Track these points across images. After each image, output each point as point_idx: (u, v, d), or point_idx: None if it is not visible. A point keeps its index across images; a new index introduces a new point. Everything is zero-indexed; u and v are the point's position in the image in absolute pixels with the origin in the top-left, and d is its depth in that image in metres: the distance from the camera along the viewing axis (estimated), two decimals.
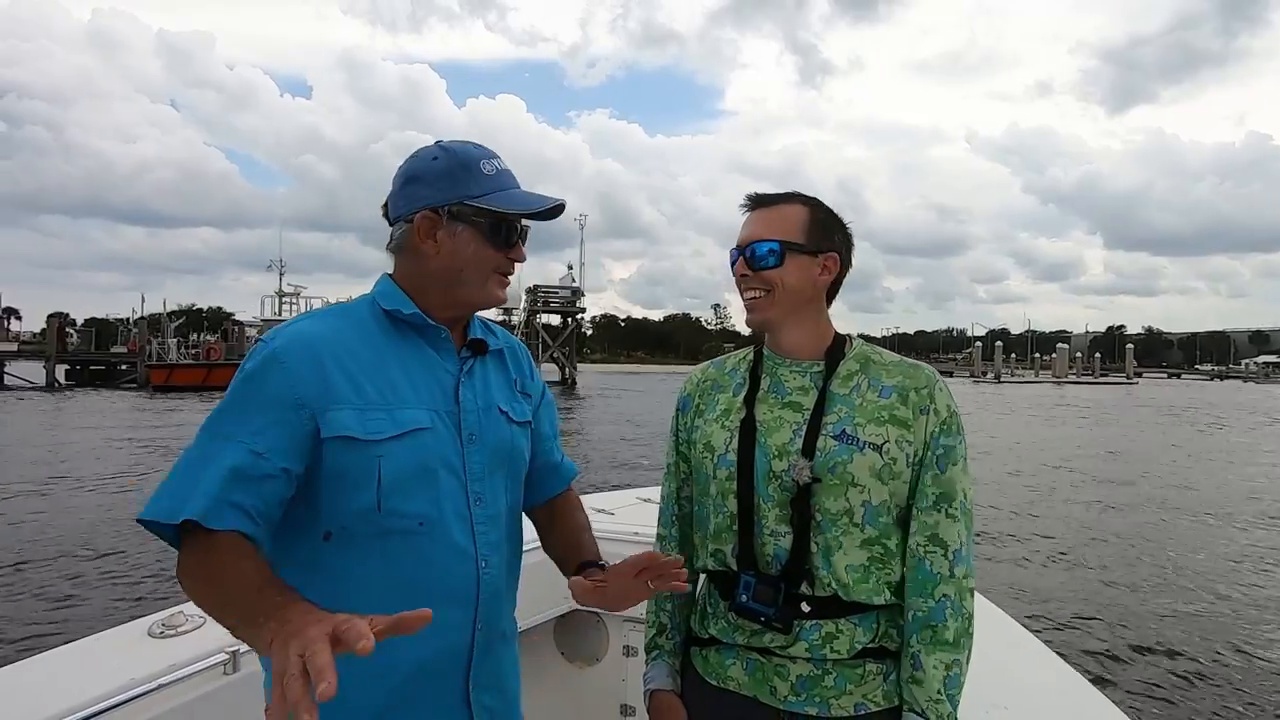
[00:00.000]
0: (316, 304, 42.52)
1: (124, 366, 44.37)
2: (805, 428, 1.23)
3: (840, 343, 1.32)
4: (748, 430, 1.26)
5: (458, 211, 1.17)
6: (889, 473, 1.20)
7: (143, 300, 47.54)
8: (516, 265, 1.24)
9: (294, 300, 43.42)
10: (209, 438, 1.04)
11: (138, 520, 1.01)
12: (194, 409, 27.06)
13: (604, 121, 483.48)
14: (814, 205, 1.31)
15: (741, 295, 1.32)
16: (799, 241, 1.27)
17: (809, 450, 1.21)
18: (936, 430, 1.22)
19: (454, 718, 1.17)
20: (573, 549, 1.36)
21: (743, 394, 1.32)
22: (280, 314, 42.73)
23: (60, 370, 43.36)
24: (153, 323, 46.92)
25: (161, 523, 0.99)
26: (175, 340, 41.91)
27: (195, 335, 50.95)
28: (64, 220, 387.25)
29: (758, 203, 1.32)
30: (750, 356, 1.37)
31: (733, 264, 1.31)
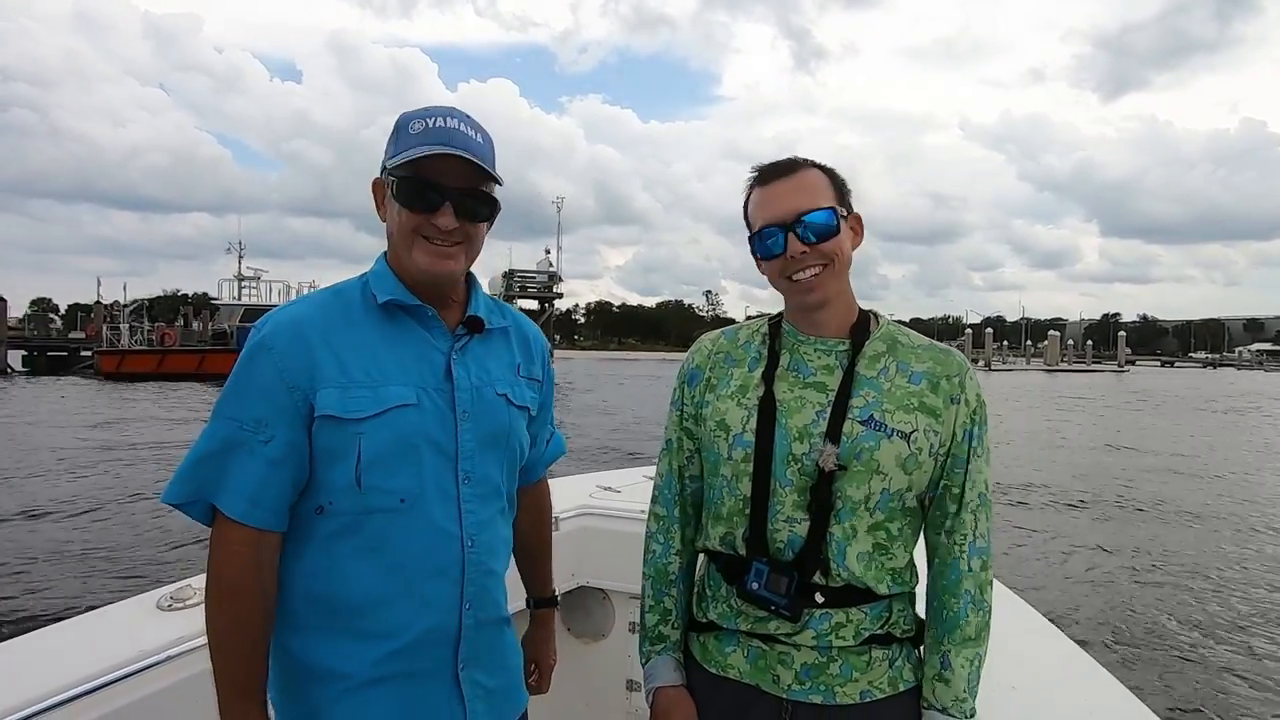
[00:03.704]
0: (277, 287, 43.27)
1: (85, 352, 42.96)
2: (830, 410, 1.16)
3: (865, 320, 1.23)
4: (767, 409, 1.18)
5: (387, 178, 1.16)
6: (914, 462, 1.15)
7: (99, 283, 45.87)
8: (470, 238, 1.18)
9: (253, 284, 42.35)
10: (216, 424, 1.10)
11: (163, 502, 1.11)
12: (109, 401, 25.83)
13: (597, 107, 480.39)
14: (825, 168, 1.23)
15: (788, 277, 1.19)
16: (839, 207, 1.19)
17: (834, 434, 1.14)
18: (967, 421, 1.18)
19: (443, 693, 1.17)
20: (534, 571, 1.52)
21: (760, 370, 1.22)
22: (240, 298, 41.71)
23: (18, 356, 42.19)
24: (136, 309, 45.58)
25: (184, 505, 1.10)
26: (128, 326, 40.59)
27: (178, 322, 49.55)
28: (54, 205, 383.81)
29: (779, 172, 1.21)
30: (765, 329, 1.28)
31: (770, 243, 1.18)
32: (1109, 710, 1.45)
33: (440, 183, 1.12)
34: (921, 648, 1.23)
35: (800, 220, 1.16)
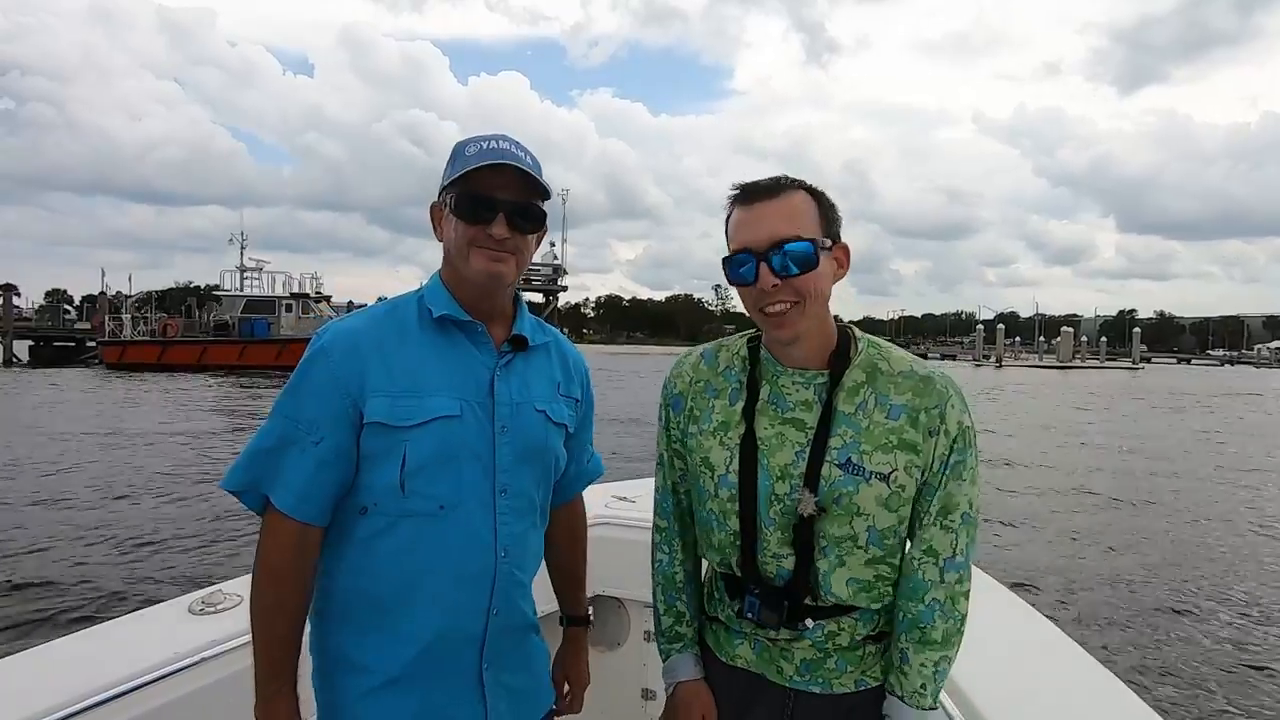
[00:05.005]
0: (279, 278, 42.92)
1: (90, 343, 42.60)
2: (808, 451, 1.16)
3: (845, 344, 1.20)
4: (748, 449, 1.20)
5: (444, 198, 1.24)
6: (897, 500, 1.17)
7: (103, 275, 45.71)
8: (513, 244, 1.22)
9: (255, 275, 42.03)
10: (274, 421, 1.18)
11: (221, 487, 1.19)
12: (81, 395, 25.36)
13: (607, 100, 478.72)
14: (814, 191, 1.17)
15: (759, 308, 1.15)
16: (822, 237, 1.14)
17: (812, 478, 1.15)
18: (946, 451, 1.17)
19: (466, 693, 1.23)
20: (566, 588, 1.56)
21: (740, 404, 1.23)
22: (242, 288, 41.30)
23: (24, 347, 41.88)
24: (140, 300, 45.28)
25: (241, 493, 1.18)
26: (130, 317, 40.37)
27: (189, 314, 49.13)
28: (71, 198, 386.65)
29: (762, 192, 1.14)
30: (744, 354, 1.26)
31: (742, 270, 1.14)
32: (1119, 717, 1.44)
33: (494, 196, 1.19)
34: None
35: (775, 250, 1.10)
